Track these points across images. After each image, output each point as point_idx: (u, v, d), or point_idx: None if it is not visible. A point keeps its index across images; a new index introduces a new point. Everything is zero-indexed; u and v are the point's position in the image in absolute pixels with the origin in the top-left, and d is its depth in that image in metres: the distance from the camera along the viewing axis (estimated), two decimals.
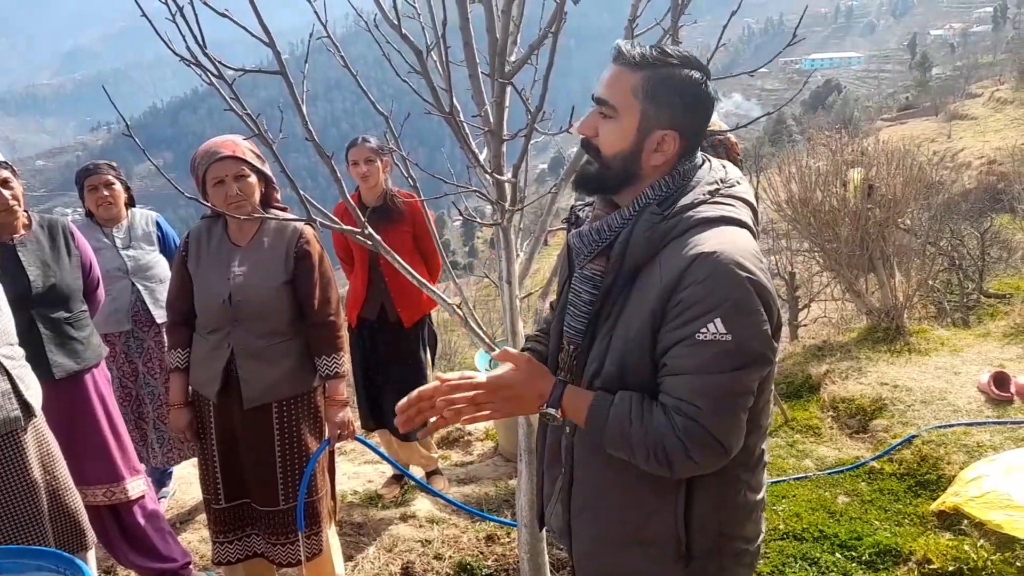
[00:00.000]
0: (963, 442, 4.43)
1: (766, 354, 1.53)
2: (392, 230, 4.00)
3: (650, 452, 1.53)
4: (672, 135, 1.60)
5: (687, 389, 1.51)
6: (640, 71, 1.58)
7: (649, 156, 1.61)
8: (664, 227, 1.57)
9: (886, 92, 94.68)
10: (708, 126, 1.68)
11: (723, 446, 1.52)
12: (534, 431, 2.76)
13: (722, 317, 1.47)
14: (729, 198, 1.62)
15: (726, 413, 1.51)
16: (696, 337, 1.48)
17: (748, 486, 1.70)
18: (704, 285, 1.48)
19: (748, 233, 1.59)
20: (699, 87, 1.60)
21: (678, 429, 1.50)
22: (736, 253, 1.50)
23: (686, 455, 1.51)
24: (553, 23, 2.18)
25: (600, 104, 1.63)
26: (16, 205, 3.10)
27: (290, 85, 2.22)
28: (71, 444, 3.09)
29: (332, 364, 3.04)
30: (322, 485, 3.15)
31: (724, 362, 1.48)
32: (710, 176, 1.65)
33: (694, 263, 1.49)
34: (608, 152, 1.63)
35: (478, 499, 4.42)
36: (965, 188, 19.40)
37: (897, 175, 6.61)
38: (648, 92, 1.58)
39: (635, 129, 1.60)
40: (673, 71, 1.58)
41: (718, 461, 1.54)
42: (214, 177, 2.88)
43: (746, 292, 1.49)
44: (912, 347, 5.93)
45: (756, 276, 1.50)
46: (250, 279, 2.96)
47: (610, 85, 1.62)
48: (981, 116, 40.21)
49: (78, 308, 3.27)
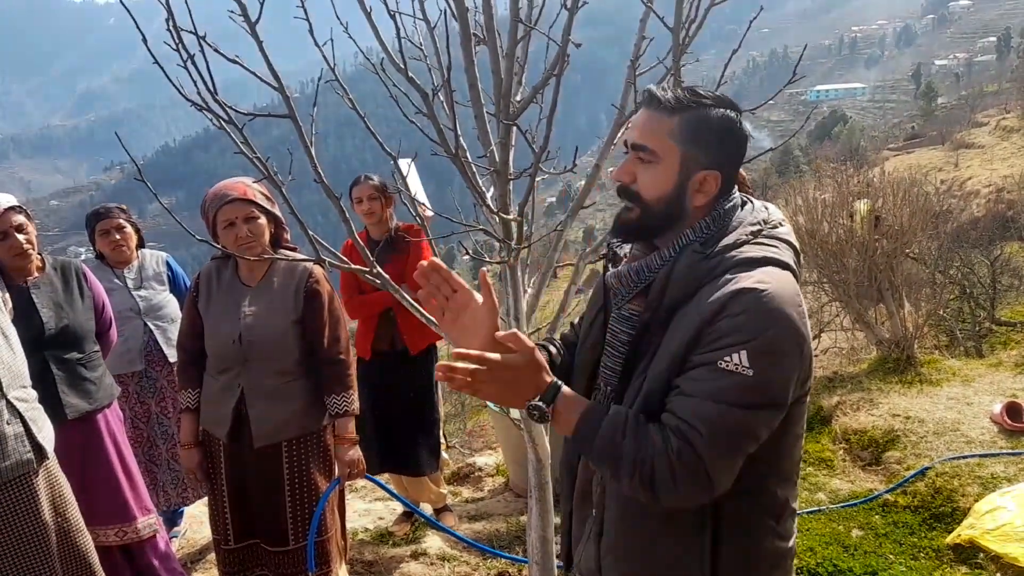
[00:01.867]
0: (977, 474, 4.39)
1: (783, 400, 1.51)
2: (398, 262, 4.04)
3: (636, 469, 1.50)
4: (713, 175, 1.61)
5: (692, 411, 1.48)
6: (676, 114, 1.59)
7: (692, 197, 1.61)
8: (706, 266, 1.56)
9: (892, 122, 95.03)
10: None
11: (710, 479, 1.48)
12: (544, 467, 2.76)
13: (749, 351, 1.45)
14: (772, 239, 1.61)
15: (723, 447, 1.48)
16: (718, 364, 1.47)
17: (776, 534, 1.66)
18: (740, 318, 1.47)
19: (791, 275, 1.58)
20: (734, 125, 1.62)
21: (671, 450, 1.47)
22: (777, 294, 1.49)
23: (671, 479, 1.47)
24: (556, 65, 2.22)
25: (637, 150, 1.62)
26: (30, 249, 3.15)
27: (299, 128, 2.26)
28: (83, 484, 3.10)
29: (342, 402, 3.05)
30: (332, 524, 3.15)
31: (738, 396, 1.46)
32: (752, 217, 1.64)
33: (734, 297, 1.48)
34: (650, 196, 1.62)
35: (489, 535, 4.39)
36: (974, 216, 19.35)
37: (904, 205, 6.61)
38: (687, 134, 1.58)
39: (676, 172, 1.60)
40: (708, 112, 1.59)
41: (701, 494, 1.50)
42: (224, 220, 2.92)
43: (780, 333, 1.47)
44: (923, 378, 5.89)
45: (794, 320, 1.49)
46: (260, 319, 2.98)
47: (646, 130, 1.61)
48: (988, 144, 40.21)
49: (91, 349, 3.31)
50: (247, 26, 2.14)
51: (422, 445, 4.23)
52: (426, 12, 2.50)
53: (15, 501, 2.61)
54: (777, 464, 1.63)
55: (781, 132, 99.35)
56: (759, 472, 1.59)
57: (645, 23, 2.70)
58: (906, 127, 71.92)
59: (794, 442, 1.66)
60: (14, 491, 2.61)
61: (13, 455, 2.59)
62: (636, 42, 2.68)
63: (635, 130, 1.64)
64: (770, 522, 1.65)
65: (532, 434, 2.70)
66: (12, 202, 3.14)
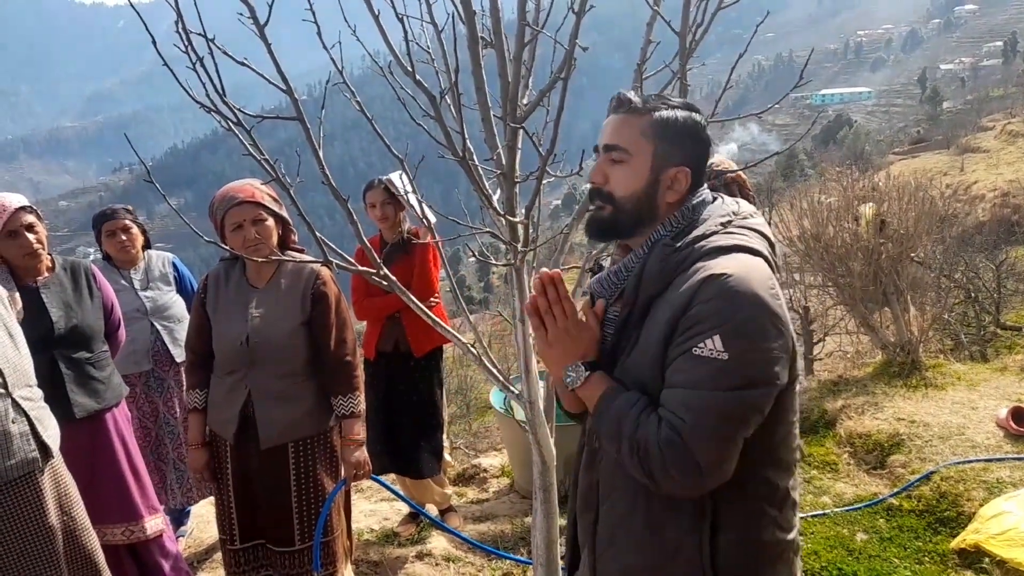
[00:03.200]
0: (982, 478, 4.38)
1: (767, 378, 1.52)
2: (406, 264, 4.07)
3: (633, 451, 1.55)
4: (684, 171, 1.67)
5: (676, 401, 1.52)
6: (645, 115, 1.66)
7: (664, 193, 1.67)
8: (677, 258, 1.60)
9: (897, 126, 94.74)
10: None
11: (699, 466, 1.50)
12: (549, 469, 2.77)
13: (722, 335, 1.48)
14: (743, 228, 1.65)
15: (709, 432, 1.50)
16: (692, 352, 1.50)
17: (776, 524, 1.67)
18: (710, 304, 1.50)
19: (762, 261, 1.60)
20: (700, 126, 1.69)
21: (661, 439, 1.51)
22: (745, 276, 1.52)
23: (663, 466, 1.51)
24: (563, 69, 2.23)
25: (609, 150, 1.68)
26: (40, 249, 3.17)
27: (307, 130, 2.28)
28: (91, 483, 3.12)
29: (348, 404, 3.07)
30: (338, 524, 3.16)
31: (717, 380, 1.49)
32: (722, 209, 1.69)
33: (704, 284, 1.52)
34: (622, 194, 1.67)
35: (494, 537, 4.40)
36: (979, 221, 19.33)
37: (909, 209, 6.61)
38: (658, 132, 1.65)
39: (648, 168, 1.66)
40: (676, 112, 1.67)
41: (695, 482, 1.52)
42: (232, 222, 2.94)
43: (752, 315, 1.50)
44: (928, 382, 5.88)
45: (765, 300, 1.51)
46: (267, 321, 3.00)
47: (617, 131, 1.68)
48: (993, 149, 40.08)
49: (99, 348, 3.33)
50: (256, 29, 2.15)
51: (424, 448, 4.25)
52: (434, 15, 2.52)
53: (21, 500, 2.62)
54: (772, 452, 1.64)
55: (786, 136, 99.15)
56: (755, 460, 1.61)
57: (652, 27, 2.71)
58: (911, 131, 71.66)
59: (789, 430, 1.68)
60: (20, 490, 2.62)
61: (19, 453, 2.60)
62: (643, 46, 2.69)
63: (606, 133, 1.70)
64: (771, 511, 1.66)
65: (537, 436, 2.71)
66: (23, 202, 3.16)
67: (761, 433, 1.57)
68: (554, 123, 2.24)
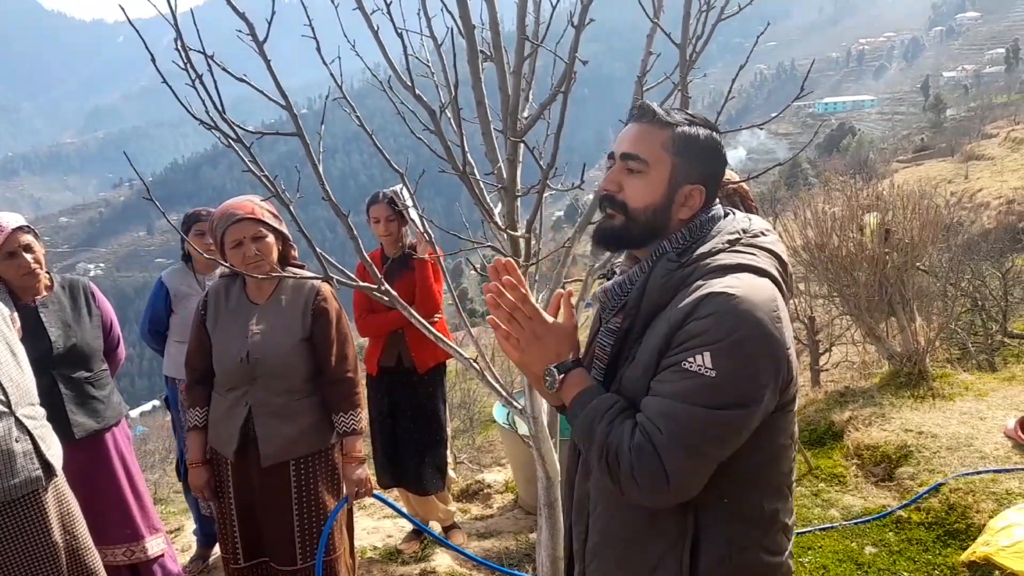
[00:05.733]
0: (992, 490, 4.33)
1: (750, 401, 1.49)
2: (409, 279, 4.04)
3: (603, 454, 1.54)
4: (699, 189, 1.65)
5: (655, 410, 1.51)
6: (668, 128, 1.64)
7: (678, 209, 1.65)
8: (680, 274, 1.59)
9: (901, 134, 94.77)
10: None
11: (667, 478, 1.48)
12: (553, 484, 2.74)
13: (713, 352, 1.46)
14: (751, 247, 1.63)
15: (683, 446, 1.47)
16: (682, 365, 1.49)
17: (762, 547, 1.63)
18: (706, 320, 1.48)
19: (768, 282, 1.57)
20: (718, 145, 1.68)
21: (633, 443, 1.50)
22: (747, 297, 1.49)
23: (630, 472, 1.50)
24: (563, 82, 2.22)
25: (627, 159, 1.66)
26: (38, 268, 3.16)
27: (307, 146, 2.26)
28: (91, 503, 3.09)
29: (350, 421, 3.04)
30: (340, 543, 3.13)
31: (699, 396, 1.47)
32: (732, 226, 1.66)
33: (703, 300, 1.50)
34: (637, 205, 1.65)
35: (498, 553, 4.36)
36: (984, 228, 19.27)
37: (914, 218, 6.58)
38: (679, 147, 1.63)
39: (666, 182, 1.64)
40: (697, 130, 1.66)
41: (660, 491, 1.49)
42: (232, 239, 2.92)
43: (747, 335, 1.47)
44: (936, 392, 5.84)
45: (763, 322, 1.48)
46: (268, 337, 2.98)
47: (638, 140, 1.65)
48: (998, 156, 40.10)
49: (99, 367, 3.31)
50: (255, 46, 2.14)
51: (427, 464, 4.21)
52: (433, 30, 2.51)
53: (24, 519, 2.61)
54: (759, 474, 1.61)
55: (790, 144, 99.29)
56: (739, 480, 1.58)
57: (652, 39, 2.70)
58: (915, 139, 71.79)
59: (780, 453, 1.64)
60: (23, 509, 2.61)
61: (22, 472, 2.59)
62: (643, 58, 2.68)
63: (625, 141, 1.68)
64: (754, 533, 1.63)
65: (541, 451, 2.68)
66: (20, 222, 3.15)
67: (747, 454, 1.55)
68: (555, 136, 2.22)
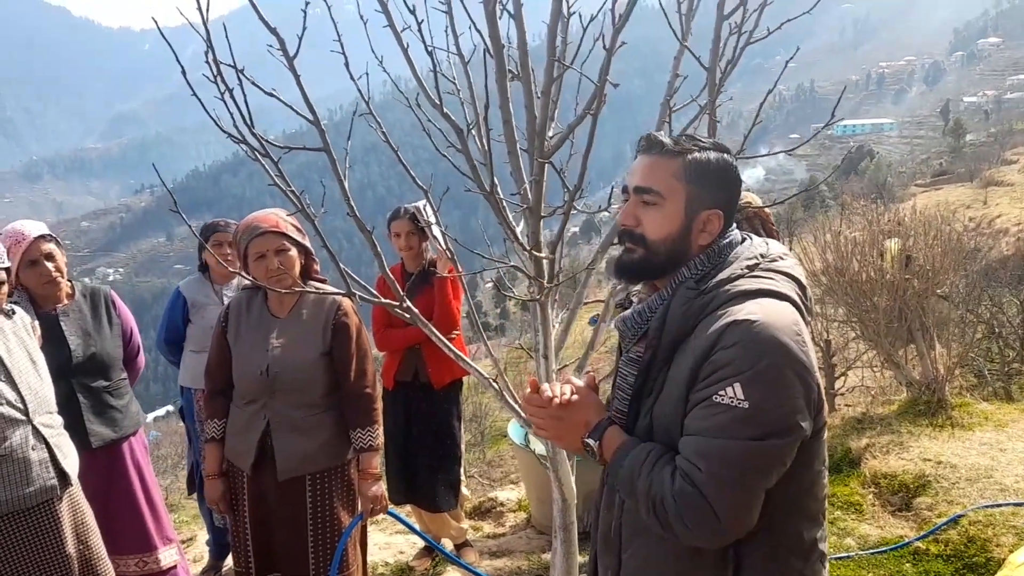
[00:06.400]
0: (1012, 523, 4.26)
1: (789, 428, 1.48)
2: (429, 295, 4.04)
3: (651, 507, 1.53)
4: (717, 214, 1.64)
5: (693, 449, 1.49)
6: (678, 157, 1.63)
7: (697, 236, 1.64)
8: (700, 302, 1.57)
9: (919, 158, 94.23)
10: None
11: (718, 516, 1.46)
12: (569, 507, 2.71)
13: (743, 383, 1.45)
14: (770, 272, 1.62)
15: (726, 482, 1.46)
16: (713, 399, 1.48)
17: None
18: (732, 350, 1.47)
19: (789, 305, 1.57)
20: (731, 166, 1.67)
21: (675, 489, 1.48)
22: (769, 323, 1.48)
23: (680, 517, 1.48)
24: (592, 103, 2.21)
25: (641, 193, 1.65)
26: (59, 277, 3.17)
27: (333, 161, 2.27)
28: (106, 512, 3.10)
29: (367, 437, 3.03)
30: (354, 560, 3.12)
31: (736, 428, 1.45)
32: (750, 252, 1.65)
33: (727, 329, 1.49)
34: (655, 237, 1.64)
35: (510, 573, 4.33)
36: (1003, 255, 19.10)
37: (935, 245, 6.52)
38: (691, 175, 1.62)
39: (683, 211, 1.63)
40: (708, 154, 1.64)
41: (713, 531, 1.49)
42: (255, 252, 2.93)
43: (775, 362, 1.46)
44: (955, 421, 5.76)
45: (789, 346, 1.48)
46: (288, 351, 2.98)
47: (649, 173, 1.64)
48: (1018, 183, 39.74)
49: (117, 376, 3.31)
50: (285, 60, 2.15)
51: (440, 481, 4.19)
52: (460, 48, 2.51)
53: (39, 528, 2.61)
54: (798, 502, 1.60)
55: (808, 166, 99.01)
56: (779, 509, 1.57)
57: (679, 60, 2.69)
58: (934, 163, 71.39)
59: (815, 479, 1.64)
60: (38, 517, 2.61)
61: (38, 481, 2.59)
62: (670, 79, 2.67)
63: (636, 174, 1.67)
64: (796, 563, 1.62)
65: (559, 473, 2.66)
66: (43, 230, 3.16)
67: (786, 482, 1.54)
68: (583, 158, 2.21)
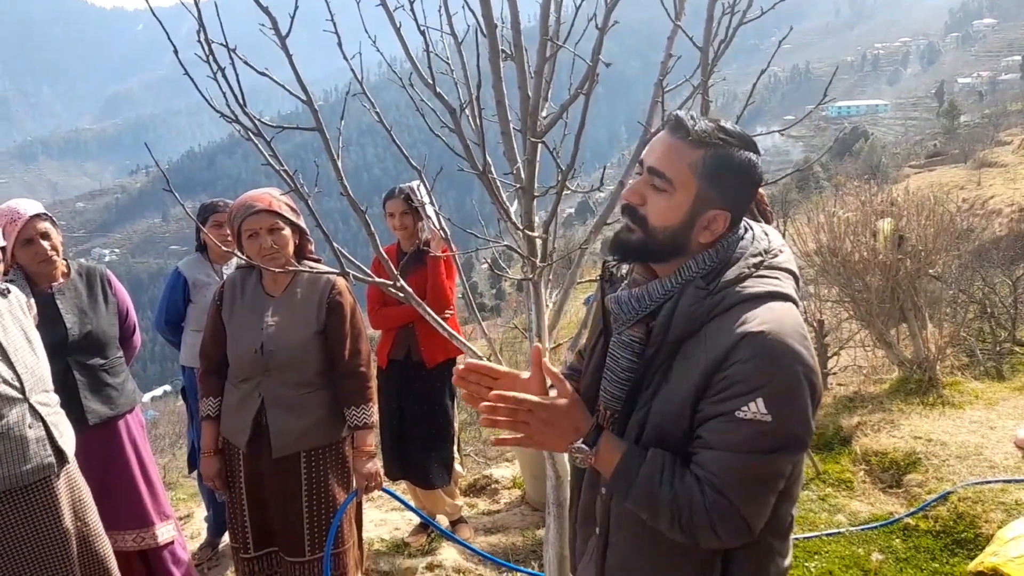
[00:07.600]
0: (1001, 499, 4.32)
1: (804, 438, 1.52)
2: (422, 274, 4.06)
3: (675, 518, 1.51)
4: (724, 215, 1.58)
5: (719, 466, 1.49)
6: (701, 148, 1.55)
7: (699, 233, 1.59)
8: (709, 302, 1.55)
9: (913, 139, 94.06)
10: None
11: (749, 526, 1.51)
12: (563, 483, 2.74)
13: (765, 398, 1.46)
14: (774, 270, 1.60)
15: (756, 494, 1.51)
16: (735, 415, 1.47)
17: (779, 553, 1.68)
18: (750, 364, 1.46)
19: (792, 306, 1.58)
20: (754, 168, 1.59)
21: (708, 503, 1.49)
22: (784, 333, 1.49)
23: (712, 529, 1.50)
24: (584, 83, 2.22)
25: (653, 174, 1.58)
26: (55, 256, 3.18)
27: (326, 141, 2.27)
28: (103, 489, 3.12)
29: (361, 415, 3.06)
30: (349, 536, 3.15)
31: (760, 443, 1.47)
32: (754, 247, 1.62)
33: (742, 341, 1.48)
34: (656, 224, 1.58)
35: (505, 549, 4.38)
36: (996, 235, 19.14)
37: (928, 225, 6.55)
38: (707, 171, 1.55)
39: (689, 205, 1.56)
40: (732, 151, 1.56)
41: (741, 539, 1.54)
42: (248, 230, 2.94)
43: (792, 374, 1.48)
44: (946, 400, 5.82)
45: (802, 355, 1.49)
46: (282, 329, 3.00)
47: (666, 157, 1.57)
48: (1011, 163, 39.71)
49: (114, 355, 3.33)
50: (277, 40, 2.15)
51: (434, 458, 4.23)
52: (454, 27, 2.51)
53: (36, 505, 2.63)
54: (788, 490, 1.62)
55: (802, 147, 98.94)
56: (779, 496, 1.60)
57: (673, 41, 2.69)
58: (928, 145, 71.25)
59: (802, 467, 1.68)
60: (35, 495, 2.63)
61: (35, 459, 2.61)
62: (663, 60, 2.67)
63: (654, 154, 1.59)
64: (776, 543, 1.67)
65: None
66: (38, 209, 3.17)
67: None
68: (575, 138, 2.22)
